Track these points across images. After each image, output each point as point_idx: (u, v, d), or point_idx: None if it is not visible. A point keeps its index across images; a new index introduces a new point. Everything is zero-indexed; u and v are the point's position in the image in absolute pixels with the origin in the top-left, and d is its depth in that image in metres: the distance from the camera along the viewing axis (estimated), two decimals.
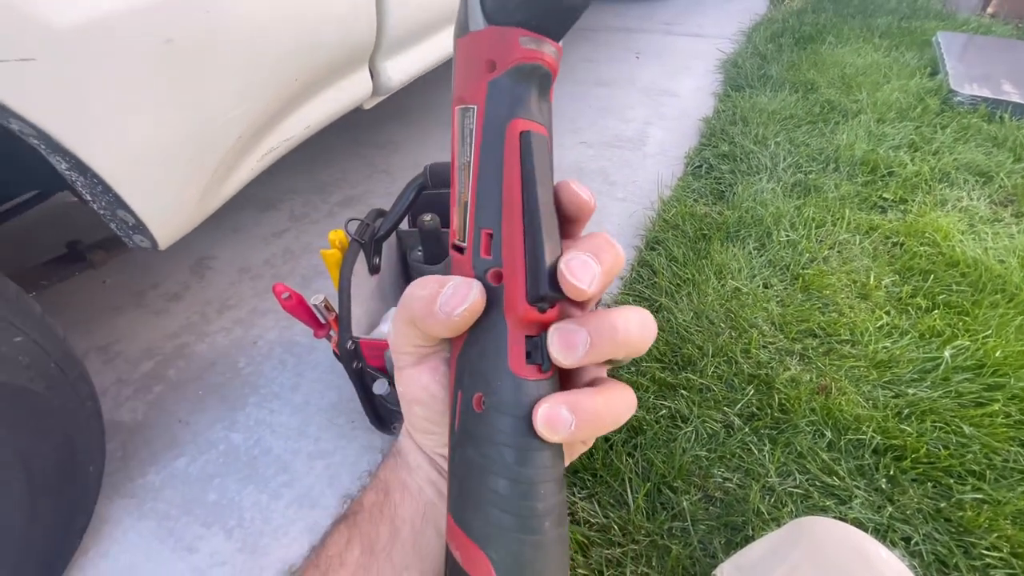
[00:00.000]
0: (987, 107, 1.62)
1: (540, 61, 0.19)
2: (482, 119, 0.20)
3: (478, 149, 0.20)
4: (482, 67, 0.20)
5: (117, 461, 0.89)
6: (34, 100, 0.53)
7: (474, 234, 0.20)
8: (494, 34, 0.19)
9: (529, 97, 0.20)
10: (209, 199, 0.77)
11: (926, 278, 1.07)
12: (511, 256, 0.19)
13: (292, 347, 1.07)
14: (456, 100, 0.21)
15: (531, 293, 0.19)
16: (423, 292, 0.20)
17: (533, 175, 0.19)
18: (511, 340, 0.19)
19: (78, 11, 0.54)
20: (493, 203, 0.20)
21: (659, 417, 0.86)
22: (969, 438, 0.79)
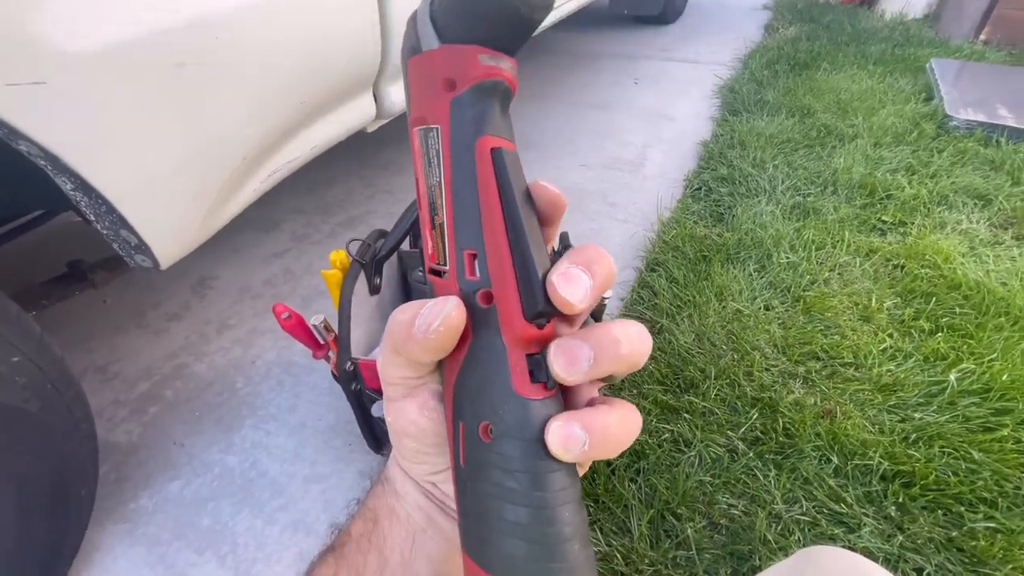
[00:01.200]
0: (983, 131, 1.63)
1: (501, 77, 0.19)
2: (448, 139, 0.20)
3: (448, 169, 0.20)
4: (440, 86, 0.19)
5: (110, 484, 0.88)
6: (43, 122, 0.53)
7: (456, 256, 0.20)
8: (450, 52, 0.19)
9: (493, 113, 0.20)
10: (212, 219, 0.77)
11: (928, 300, 1.06)
12: (500, 274, 0.19)
13: (290, 367, 1.07)
14: (415, 121, 0.21)
15: (528, 310, 0.18)
16: (403, 316, 0.20)
17: (511, 190, 0.19)
18: (512, 361, 0.19)
19: (93, 37, 0.55)
20: (472, 222, 0.19)
21: (662, 441, 0.84)
22: (979, 464, 0.78)
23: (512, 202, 0.19)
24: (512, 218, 0.19)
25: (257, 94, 0.75)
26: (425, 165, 0.20)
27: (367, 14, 0.88)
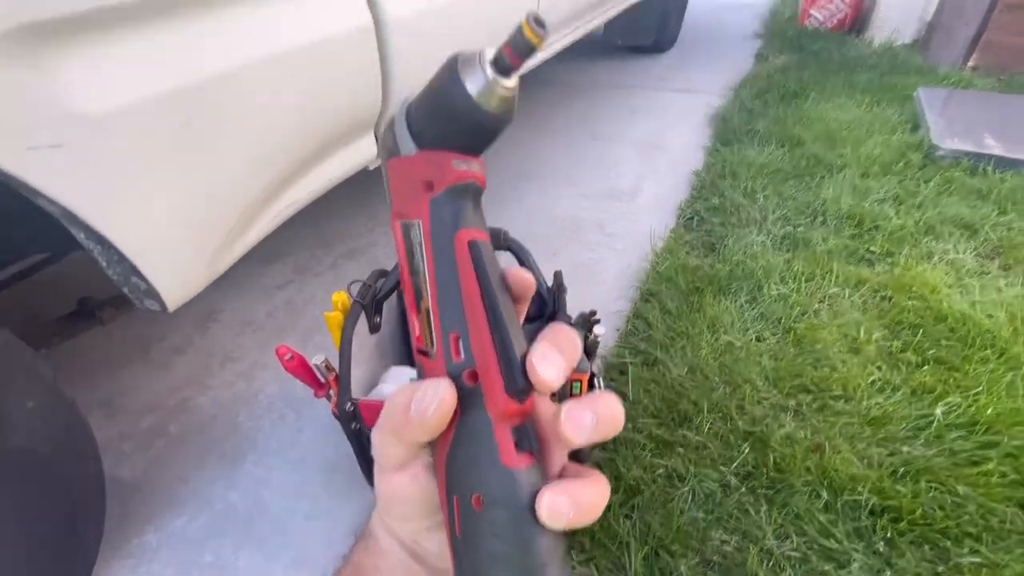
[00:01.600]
0: (969, 161, 1.67)
1: (472, 179, 0.22)
2: (430, 233, 0.22)
3: (431, 261, 0.22)
4: (419, 187, 0.22)
5: (116, 519, 0.89)
6: (61, 182, 0.57)
7: (442, 339, 0.22)
8: (427, 158, 0.22)
9: (467, 209, 0.22)
10: (217, 263, 0.80)
11: (915, 332, 1.09)
12: (483, 355, 0.21)
13: (292, 401, 1.09)
14: (397, 215, 0.23)
15: (510, 387, 0.20)
16: (399, 399, 0.22)
17: (488, 279, 0.21)
18: (499, 434, 0.21)
19: (107, 100, 0.58)
20: (455, 308, 0.21)
21: (656, 476, 0.86)
22: (964, 498, 0.79)
23: (490, 288, 0.21)
24: (491, 303, 0.21)
25: (261, 145, 0.78)
26: (408, 255, 0.23)
27: (368, 62, 0.92)
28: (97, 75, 0.57)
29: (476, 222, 0.22)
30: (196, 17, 0.65)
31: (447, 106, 0.21)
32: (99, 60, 0.57)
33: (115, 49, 0.58)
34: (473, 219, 0.22)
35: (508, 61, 0.20)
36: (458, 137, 0.21)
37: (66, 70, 0.55)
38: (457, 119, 0.21)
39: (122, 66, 0.59)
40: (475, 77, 0.20)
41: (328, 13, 0.81)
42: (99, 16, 0.55)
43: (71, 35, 0.54)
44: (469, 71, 0.20)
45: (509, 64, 0.20)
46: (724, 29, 3.57)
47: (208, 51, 0.66)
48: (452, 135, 0.21)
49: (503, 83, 0.20)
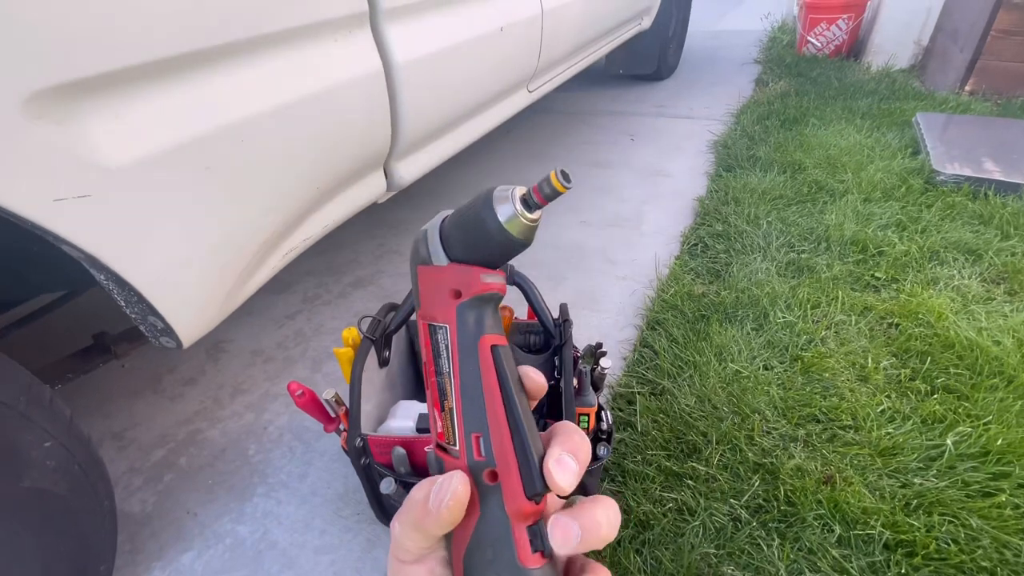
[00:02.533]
0: (970, 185, 1.69)
1: (496, 290, 0.25)
2: (456, 337, 0.24)
3: (456, 363, 0.24)
4: (448, 294, 0.24)
5: (125, 555, 0.90)
6: (85, 230, 0.59)
7: (465, 439, 0.24)
8: (457, 271, 0.24)
9: (489, 315, 0.25)
10: (231, 301, 0.82)
11: (923, 360, 1.09)
12: (503, 456, 0.23)
13: (301, 433, 1.09)
14: (425, 316, 0.25)
15: (528, 489, 0.22)
16: (419, 495, 0.23)
17: (508, 383, 0.24)
18: (516, 534, 0.22)
19: (130, 151, 0.61)
20: (478, 409, 0.24)
21: (666, 511, 0.86)
22: (978, 531, 0.78)
23: (510, 392, 0.23)
24: (511, 407, 0.23)
25: (276, 186, 0.81)
26: (435, 356, 0.25)
27: (378, 104, 0.96)
28: (120, 128, 0.59)
29: (495, 327, 0.25)
30: (215, 69, 0.68)
31: (480, 229, 0.24)
32: (122, 114, 0.60)
33: (137, 103, 0.61)
34: (493, 325, 0.25)
35: (535, 199, 0.23)
36: (485, 254, 0.24)
37: (91, 124, 0.57)
38: (487, 241, 0.24)
39: (144, 119, 0.62)
40: (506, 208, 0.23)
41: (340, 60, 0.85)
42: (122, 73, 0.58)
43: (96, 92, 0.57)
44: (501, 203, 0.23)
45: (535, 202, 0.23)
46: (723, 56, 3.64)
47: (226, 101, 0.69)
48: (481, 252, 0.24)
49: (528, 215, 0.24)
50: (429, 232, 0.25)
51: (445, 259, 0.24)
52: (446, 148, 1.28)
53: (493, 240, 0.23)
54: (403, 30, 0.97)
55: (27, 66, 0.51)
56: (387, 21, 0.93)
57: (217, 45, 0.67)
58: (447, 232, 0.25)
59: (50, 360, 0.96)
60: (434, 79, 1.08)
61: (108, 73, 0.57)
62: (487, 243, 0.24)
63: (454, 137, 1.30)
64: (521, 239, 0.24)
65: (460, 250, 0.24)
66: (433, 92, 1.09)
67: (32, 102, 0.51)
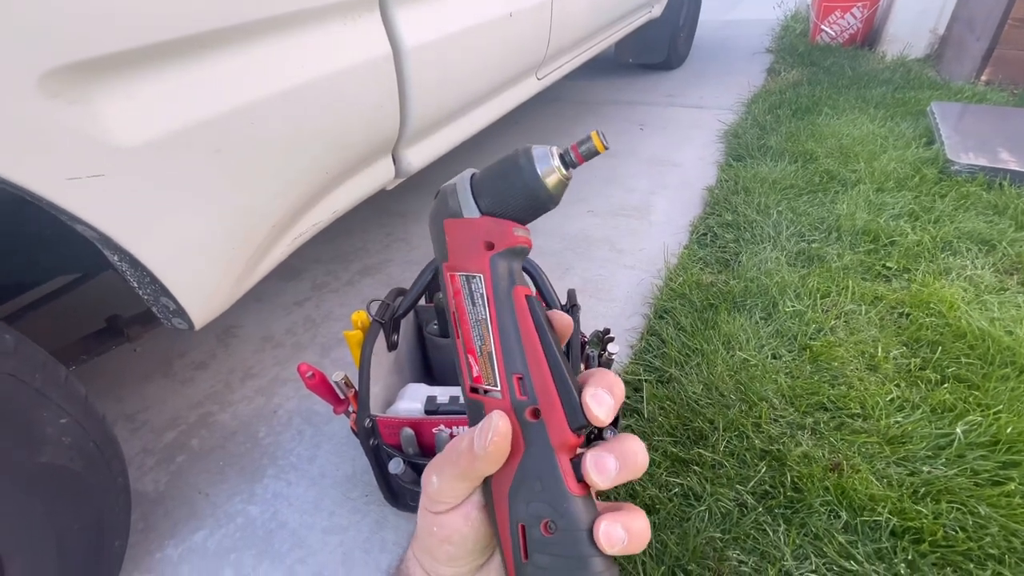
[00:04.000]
0: (985, 176, 1.66)
1: (526, 244, 0.26)
2: (491, 286, 0.25)
3: (494, 310, 0.25)
4: (481, 245, 0.25)
5: (138, 533, 0.91)
6: (99, 209, 0.59)
7: (507, 379, 0.25)
8: (490, 223, 0.25)
9: (518, 268, 0.26)
10: (241, 284, 0.83)
11: (934, 350, 1.08)
12: (545, 394, 0.24)
13: (311, 417, 1.11)
14: (454, 267, 0.26)
15: (572, 422, 0.23)
16: (461, 445, 0.24)
17: (545, 328, 0.25)
18: (562, 465, 0.23)
19: (143, 131, 0.61)
20: (517, 352, 0.25)
21: (672, 495, 0.86)
22: (986, 519, 0.78)
23: (547, 336, 0.25)
24: (549, 349, 0.24)
25: (286, 169, 0.81)
26: (468, 304, 0.26)
27: (387, 89, 0.95)
28: (134, 108, 0.60)
29: (526, 281, 0.26)
30: (226, 51, 0.68)
31: (517, 181, 0.25)
32: (135, 94, 0.60)
33: (150, 83, 0.61)
34: (524, 278, 0.26)
35: (572, 157, 0.25)
36: (518, 207, 0.25)
37: (105, 104, 0.58)
38: (523, 193, 0.25)
39: (157, 99, 0.62)
40: (544, 162, 0.24)
41: (349, 44, 0.85)
42: (135, 54, 0.59)
43: (109, 72, 0.57)
44: (541, 157, 0.24)
45: (572, 160, 0.25)
46: (735, 45, 3.59)
47: (237, 83, 0.69)
48: (514, 205, 0.25)
49: (563, 172, 0.25)
50: (459, 185, 0.26)
51: (477, 211, 0.25)
52: (454, 135, 1.28)
53: (529, 193, 0.24)
54: (412, 14, 0.97)
55: (43, 44, 0.51)
56: (396, 5, 0.93)
57: (228, 26, 0.67)
58: (479, 185, 0.26)
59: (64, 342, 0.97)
60: (443, 64, 1.08)
61: (122, 52, 0.57)
62: (522, 195, 0.25)
63: (462, 124, 1.30)
64: (554, 194, 0.25)
65: (492, 203, 0.25)
66: (442, 78, 1.09)
67: (47, 80, 0.52)
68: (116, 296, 1.41)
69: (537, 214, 0.26)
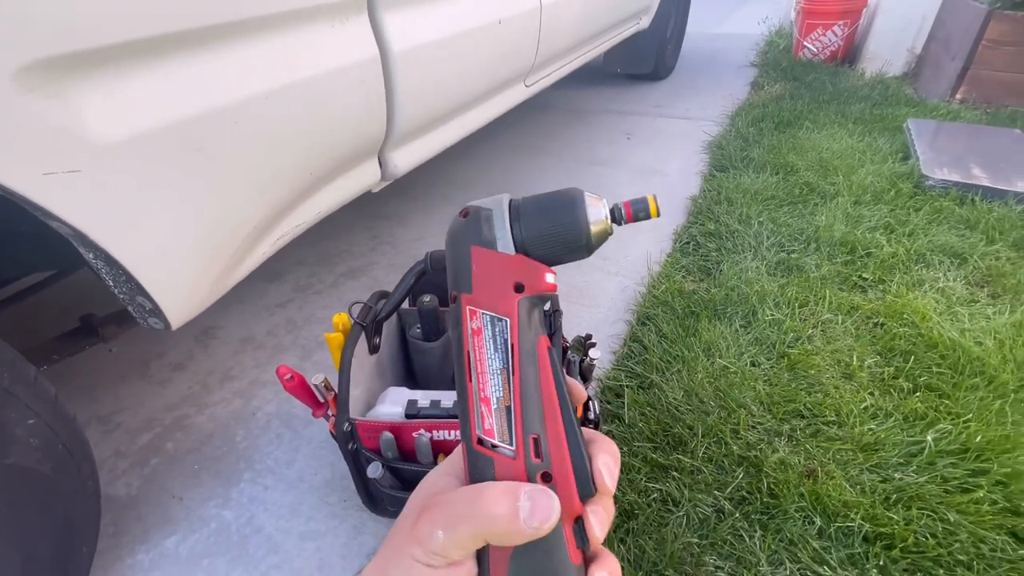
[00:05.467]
0: (958, 191, 1.71)
1: (553, 291, 0.25)
2: (518, 334, 0.23)
3: (518, 362, 0.23)
4: (509, 285, 0.23)
5: (108, 538, 0.89)
6: (75, 206, 0.58)
7: (523, 439, 0.23)
8: (524, 263, 0.24)
9: (541, 316, 0.25)
10: (221, 284, 0.82)
11: (907, 359, 1.10)
12: (560, 459, 0.23)
13: (289, 420, 1.09)
14: (474, 303, 0.24)
15: (583, 492, 0.23)
16: (501, 510, 0.22)
17: (564, 388, 0.24)
18: (567, 535, 0.23)
19: (122, 127, 0.61)
20: (536, 411, 0.23)
21: (651, 500, 0.87)
22: (955, 526, 0.80)
23: (565, 397, 0.23)
24: (566, 411, 0.23)
25: (269, 170, 0.81)
26: (489, 348, 0.24)
27: (374, 92, 0.95)
28: (113, 104, 0.59)
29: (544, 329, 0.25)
30: (210, 49, 0.68)
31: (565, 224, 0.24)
32: (115, 90, 0.59)
33: (130, 80, 0.60)
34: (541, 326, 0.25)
35: (623, 214, 0.24)
36: (555, 250, 0.24)
37: (83, 99, 0.57)
38: (568, 237, 0.24)
39: (137, 95, 0.61)
40: (596, 211, 0.24)
41: (337, 46, 0.85)
42: (115, 50, 0.58)
43: (88, 67, 0.57)
44: (593, 205, 0.24)
45: (622, 216, 0.24)
46: (721, 59, 3.66)
47: (221, 82, 0.69)
48: (553, 248, 0.24)
49: (610, 225, 0.24)
50: (496, 212, 0.24)
51: (512, 247, 0.24)
52: (442, 139, 1.28)
53: (572, 238, 0.23)
54: (401, 18, 0.97)
55: (20, 38, 0.50)
56: (385, 8, 0.93)
57: (213, 25, 0.67)
58: (521, 220, 0.24)
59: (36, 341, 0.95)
60: (431, 69, 1.08)
61: (102, 48, 0.57)
62: (565, 239, 0.24)
63: (450, 129, 1.30)
64: (594, 245, 0.24)
65: (530, 240, 0.24)
66: (430, 82, 1.09)
67: (24, 74, 0.51)
68: (92, 294, 1.38)
69: (567, 261, 0.24)
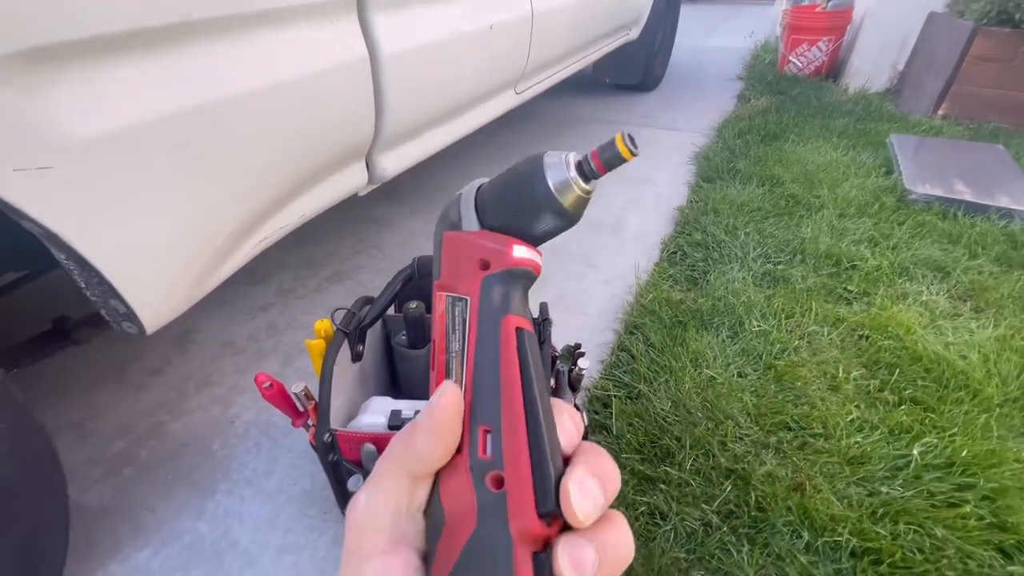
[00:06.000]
0: (941, 205, 1.74)
1: (530, 267, 0.22)
2: (477, 312, 0.21)
3: (474, 341, 0.21)
4: (474, 264, 0.21)
5: (79, 550, 0.86)
6: (46, 204, 0.56)
7: (470, 430, 0.19)
8: (488, 238, 0.21)
9: (517, 295, 0.21)
10: (199, 287, 0.79)
11: (892, 372, 1.11)
12: (514, 459, 0.18)
13: (269, 429, 1.06)
14: (442, 287, 0.22)
15: (541, 505, 0.18)
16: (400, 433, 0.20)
17: (531, 372, 0.20)
18: (518, 558, 0.17)
19: (97, 124, 0.58)
20: (491, 398, 0.19)
21: (638, 514, 0.85)
22: (943, 541, 0.80)
23: (531, 382, 0.20)
24: (531, 400, 0.19)
25: (252, 170, 0.78)
26: (449, 331, 0.22)
27: (362, 91, 0.94)
28: (89, 100, 0.57)
29: (523, 310, 0.22)
30: (193, 45, 0.66)
31: (523, 192, 0.21)
32: (91, 85, 0.57)
33: (108, 75, 0.58)
34: (521, 307, 0.22)
35: (593, 166, 0.21)
36: (524, 223, 0.21)
37: (58, 94, 0.55)
38: (531, 208, 0.21)
39: (115, 92, 0.59)
40: (557, 172, 0.21)
41: (325, 46, 0.83)
42: (92, 43, 0.56)
43: (64, 61, 0.54)
44: (553, 166, 0.21)
45: (593, 169, 0.21)
46: (708, 71, 3.70)
47: (204, 79, 0.67)
48: (519, 220, 0.21)
49: (581, 185, 0.21)
50: (464, 195, 0.23)
51: (477, 224, 0.22)
52: (431, 144, 1.26)
53: (538, 207, 0.21)
54: (391, 20, 0.96)
55: None
56: (375, 10, 0.92)
57: (196, 20, 0.65)
58: (484, 196, 0.22)
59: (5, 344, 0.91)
60: (421, 72, 1.07)
61: (78, 41, 0.55)
62: (529, 211, 0.21)
63: (439, 133, 1.29)
64: (570, 211, 0.21)
65: (496, 216, 0.22)
66: (420, 85, 1.08)
67: None
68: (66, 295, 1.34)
69: (550, 233, 0.22)
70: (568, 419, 0.21)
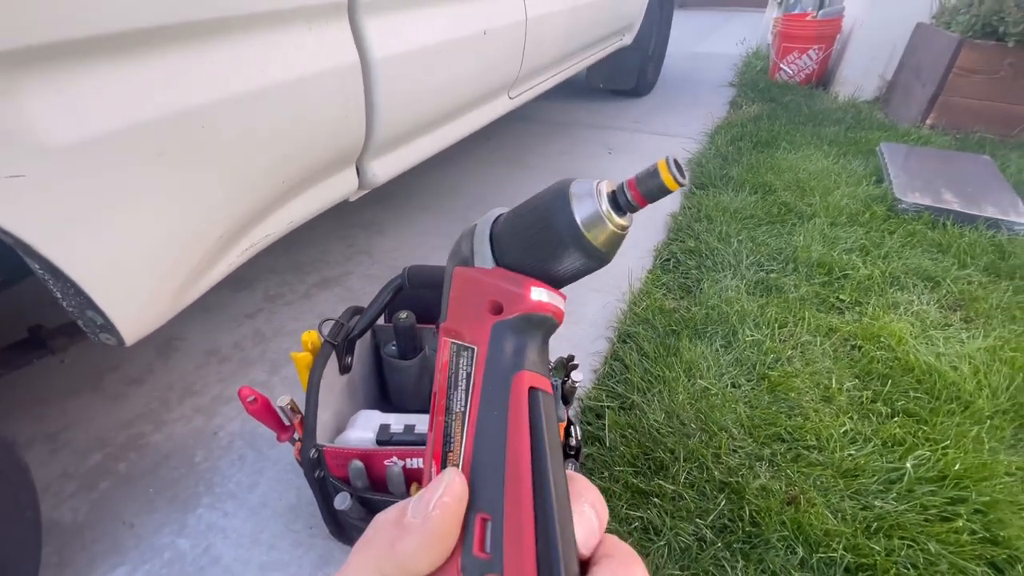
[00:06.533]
0: (930, 215, 1.75)
1: (551, 313, 0.18)
2: (484, 366, 0.18)
3: (478, 401, 0.17)
4: (485, 306, 0.18)
5: (51, 568, 0.82)
6: (18, 214, 0.53)
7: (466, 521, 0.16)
8: (503, 277, 0.18)
9: (534, 348, 0.18)
10: (181, 297, 0.77)
11: (884, 382, 1.11)
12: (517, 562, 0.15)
13: (254, 440, 1.03)
14: (449, 331, 0.19)
15: None
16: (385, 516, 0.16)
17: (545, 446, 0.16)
18: None
19: (73, 131, 0.56)
20: (494, 478, 0.16)
21: (632, 530, 0.84)
22: (936, 556, 0.79)
23: (544, 461, 0.16)
24: (542, 484, 0.16)
25: (238, 177, 0.76)
26: (449, 385, 0.18)
27: (353, 98, 0.92)
28: (64, 106, 0.55)
29: (541, 368, 0.18)
30: (176, 48, 0.63)
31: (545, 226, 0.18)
32: (67, 90, 0.55)
33: (85, 79, 0.56)
34: (538, 361, 0.18)
35: (629, 197, 0.18)
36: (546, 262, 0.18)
37: (31, 99, 0.52)
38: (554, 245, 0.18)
39: (92, 97, 0.57)
40: (586, 205, 0.18)
41: (314, 51, 0.81)
42: (69, 47, 0.54)
43: (38, 64, 0.52)
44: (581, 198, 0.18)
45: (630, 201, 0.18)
46: (700, 77, 3.72)
47: (186, 83, 0.65)
48: (539, 259, 0.18)
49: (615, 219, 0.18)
50: (479, 227, 0.20)
51: (491, 261, 0.19)
52: (423, 149, 1.25)
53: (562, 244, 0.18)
54: (382, 24, 0.94)
55: None
56: (366, 14, 0.90)
57: (180, 23, 0.63)
58: (501, 228, 0.19)
59: None
60: (413, 77, 1.05)
61: (53, 44, 0.52)
62: (552, 248, 0.18)
63: (431, 139, 1.27)
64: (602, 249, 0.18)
65: (514, 253, 0.18)
66: (412, 90, 1.06)
67: None
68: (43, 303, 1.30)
69: (577, 275, 0.19)
70: (588, 508, 0.17)
